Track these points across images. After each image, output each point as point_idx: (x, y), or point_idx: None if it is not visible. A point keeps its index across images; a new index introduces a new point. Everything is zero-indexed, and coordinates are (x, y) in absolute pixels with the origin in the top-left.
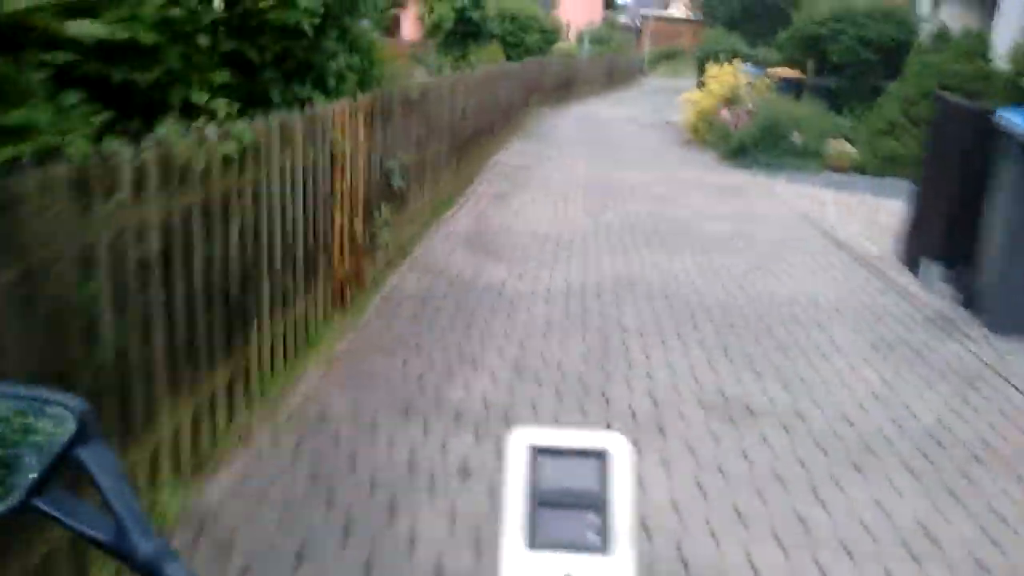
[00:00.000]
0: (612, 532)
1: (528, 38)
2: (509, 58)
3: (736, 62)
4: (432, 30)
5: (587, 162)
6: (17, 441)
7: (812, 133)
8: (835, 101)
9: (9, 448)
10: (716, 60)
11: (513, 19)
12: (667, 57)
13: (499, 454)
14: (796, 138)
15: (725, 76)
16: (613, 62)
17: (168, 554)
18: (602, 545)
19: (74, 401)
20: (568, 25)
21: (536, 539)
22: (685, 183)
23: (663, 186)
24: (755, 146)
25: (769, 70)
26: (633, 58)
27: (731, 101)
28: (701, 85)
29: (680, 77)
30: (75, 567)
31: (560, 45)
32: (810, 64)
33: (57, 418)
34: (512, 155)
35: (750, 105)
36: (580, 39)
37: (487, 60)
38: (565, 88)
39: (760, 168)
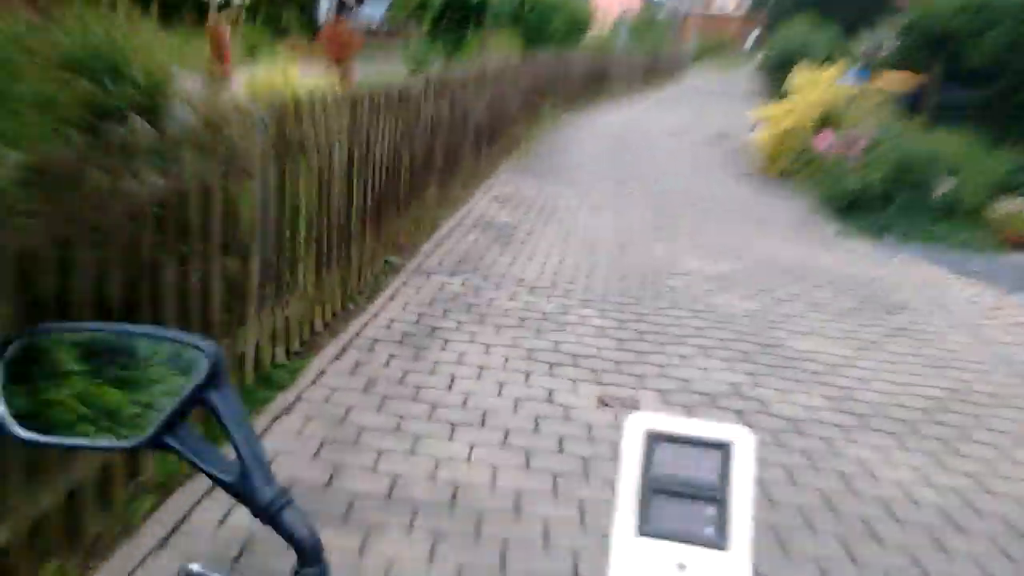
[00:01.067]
0: (730, 527)
1: (553, 25)
2: (529, 48)
3: (835, 66)
4: (415, 11)
5: (613, 219)
6: (154, 380)
7: (971, 181)
8: (980, 125)
9: (146, 386)
10: (796, 62)
11: (533, 2)
12: (712, 51)
13: None
14: (945, 187)
15: (819, 85)
16: (654, 56)
17: (287, 501)
18: (718, 539)
19: (209, 345)
20: (601, 13)
21: (649, 527)
22: (785, 275)
23: (747, 285)
24: (884, 200)
25: (876, 76)
26: (676, 53)
27: (829, 122)
28: (782, 96)
29: (727, 74)
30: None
31: (593, 35)
32: (936, 70)
33: (191, 360)
34: (490, 203)
35: (862, 131)
36: (616, 29)
37: (496, 51)
38: (596, 86)
39: (897, 238)
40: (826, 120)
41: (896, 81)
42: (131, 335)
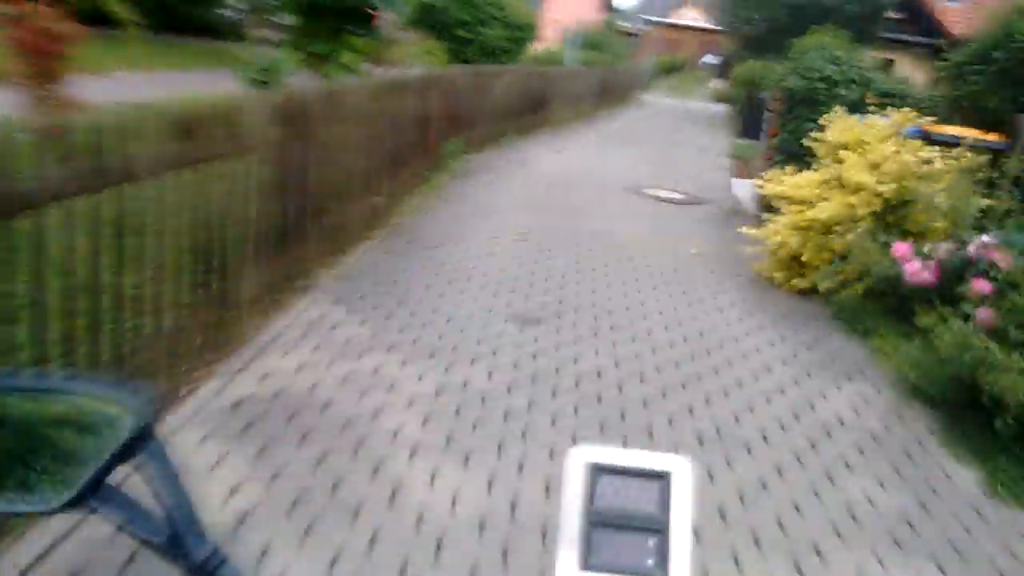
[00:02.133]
0: (669, 557)
1: (488, 32)
2: (460, 60)
3: (898, 115)
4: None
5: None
6: (78, 435)
7: None
8: None
9: (69, 442)
10: (822, 102)
11: (467, 3)
12: (669, 70)
13: None
14: None
15: (874, 144)
16: (608, 74)
17: (222, 558)
18: (659, 571)
19: (137, 397)
20: (554, 26)
21: (591, 560)
22: None
23: None
24: None
25: (936, 130)
26: (633, 70)
27: (903, 214)
28: (807, 158)
29: (688, 96)
30: None
31: (540, 47)
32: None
33: (119, 413)
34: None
35: (982, 237)
36: (566, 41)
37: (399, 62)
38: (532, 112)
39: None
40: (897, 208)
41: (979, 136)
42: (49, 390)
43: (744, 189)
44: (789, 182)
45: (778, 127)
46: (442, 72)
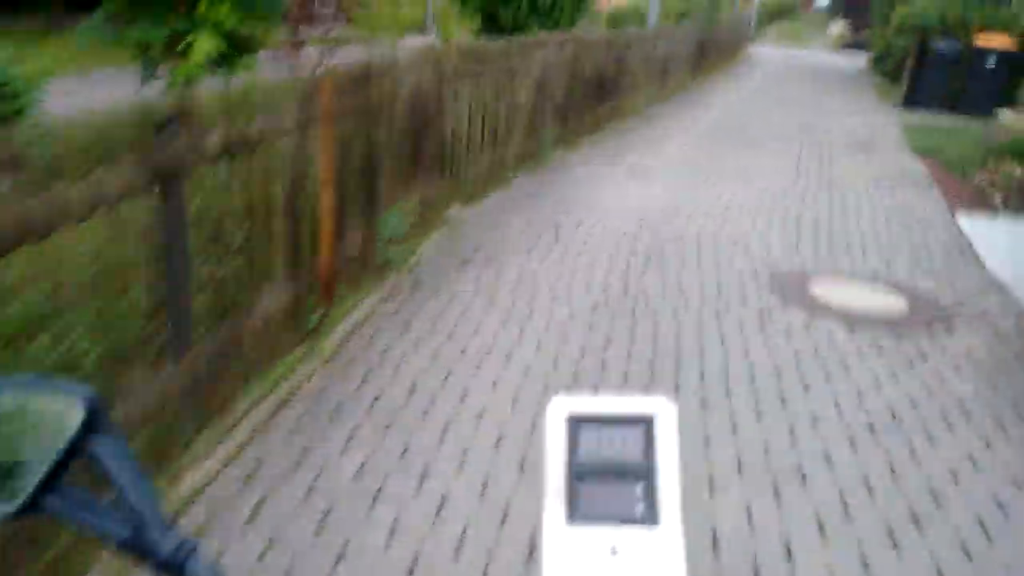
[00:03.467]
0: (659, 502)
1: None
2: (494, 26)
3: None
4: None
5: None
6: (23, 436)
7: None
8: None
9: (15, 444)
10: None
11: None
12: (778, 14)
13: None
14: None
15: None
16: (706, 30)
17: (189, 549)
18: (648, 516)
19: (83, 389)
20: None
21: (579, 513)
22: None
23: None
24: None
25: None
26: (736, 19)
27: None
28: None
29: (806, 45)
30: None
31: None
32: None
33: (65, 409)
34: None
35: None
36: None
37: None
38: (594, 101)
39: None
40: None
41: None
42: None
43: (1004, 244)
44: None
45: None
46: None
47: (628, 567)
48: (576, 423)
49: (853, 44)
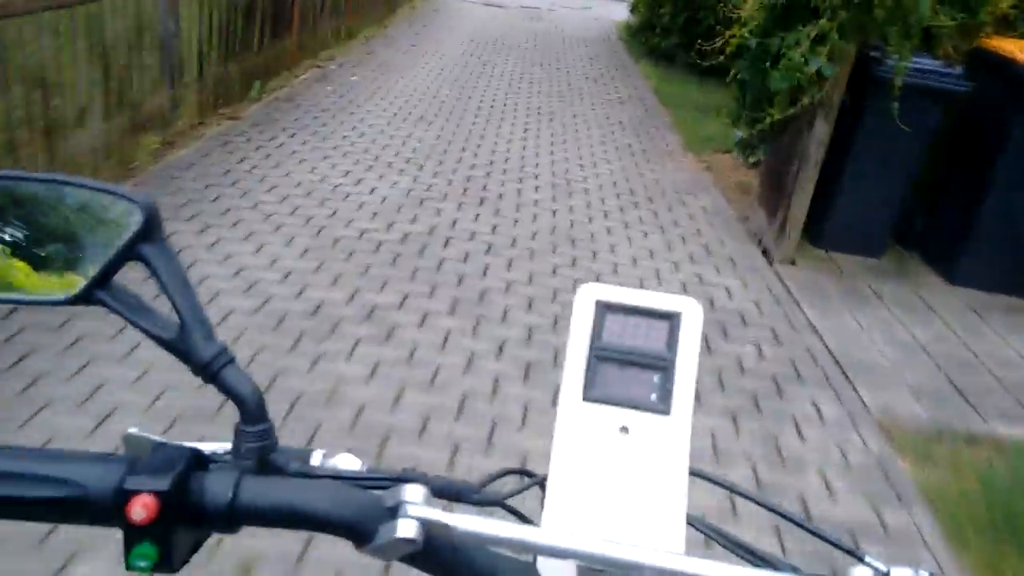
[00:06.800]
0: (673, 393)
1: None
2: None
3: None
4: None
5: None
6: (83, 233)
7: None
8: None
9: (75, 240)
10: None
11: None
12: None
13: None
14: None
15: None
16: None
17: (228, 358)
18: (661, 405)
19: (142, 197)
20: None
21: (594, 392)
22: None
23: None
24: None
25: None
26: None
27: None
28: None
29: None
30: None
31: None
32: None
33: (123, 213)
34: None
35: None
36: None
37: None
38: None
39: None
40: None
41: None
42: (57, 183)
43: None
44: None
45: None
46: None
47: (636, 446)
48: (603, 308)
49: None
